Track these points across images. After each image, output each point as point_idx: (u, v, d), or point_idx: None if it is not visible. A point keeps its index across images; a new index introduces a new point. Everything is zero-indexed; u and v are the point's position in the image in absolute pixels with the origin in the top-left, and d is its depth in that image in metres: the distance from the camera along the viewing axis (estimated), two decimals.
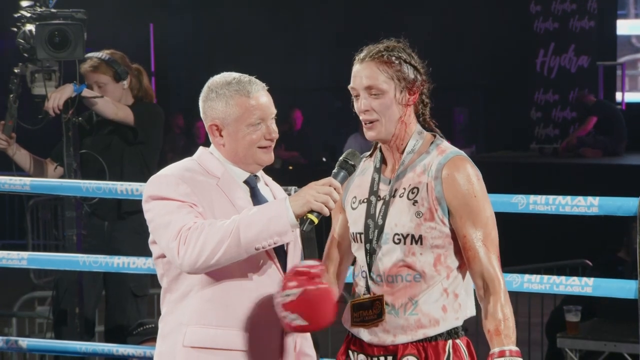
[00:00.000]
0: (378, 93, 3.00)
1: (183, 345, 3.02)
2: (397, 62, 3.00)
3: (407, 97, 3.01)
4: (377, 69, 3.00)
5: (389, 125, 3.02)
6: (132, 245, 5.17)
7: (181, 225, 2.92)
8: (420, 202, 2.97)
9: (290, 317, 2.87)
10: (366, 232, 3.04)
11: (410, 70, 3.01)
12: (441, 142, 3.06)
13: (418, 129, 3.06)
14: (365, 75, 3.01)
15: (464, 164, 2.99)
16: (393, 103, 3.00)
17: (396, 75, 2.99)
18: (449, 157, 2.99)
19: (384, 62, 3.00)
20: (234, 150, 3.09)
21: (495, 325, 2.93)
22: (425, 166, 3.00)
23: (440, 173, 2.97)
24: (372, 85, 3.00)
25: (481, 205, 2.97)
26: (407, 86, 3.00)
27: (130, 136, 5.31)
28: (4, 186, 4.82)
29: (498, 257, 2.99)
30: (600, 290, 4.06)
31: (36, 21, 5.08)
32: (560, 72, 14.10)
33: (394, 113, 3.01)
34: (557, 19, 14.05)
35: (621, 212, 3.99)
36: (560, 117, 14.09)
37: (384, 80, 2.99)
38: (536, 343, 7.46)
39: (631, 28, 14.20)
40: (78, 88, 5.07)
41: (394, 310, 3.00)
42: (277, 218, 2.88)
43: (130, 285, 5.29)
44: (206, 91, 3.11)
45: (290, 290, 2.87)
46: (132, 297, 5.32)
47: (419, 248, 2.97)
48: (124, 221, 5.32)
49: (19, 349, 5.15)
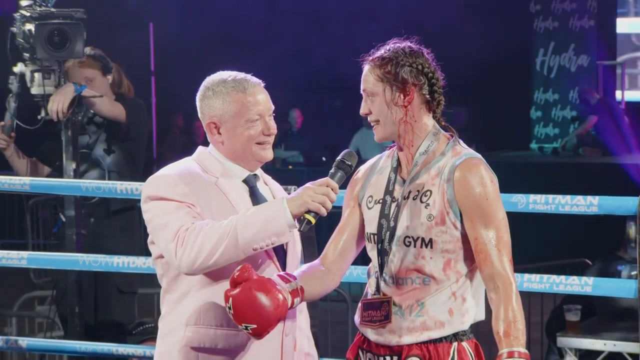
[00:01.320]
0: (371, 95, 3.02)
1: (183, 346, 3.02)
2: (390, 63, 2.99)
3: (401, 97, 3.00)
4: (369, 72, 3.02)
5: (389, 126, 3.02)
6: (116, 243, 5.14)
7: (179, 226, 2.92)
8: (432, 205, 2.96)
9: (242, 327, 2.85)
10: (379, 233, 3.04)
11: (403, 71, 2.99)
12: (456, 144, 3.05)
13: (433, 129, 3.05)
14: (362, 78, 3.04)
15: (477, 166, 2.98)
16: (385, 104, 3.00)
17: (385, 77, 2.99)
18: (462, 159, 2.98)
19: (376, 65, 3.01)
20: (233, 147, 3.08)
21: (505, 327, 2.92)
22: (439, 169, 3.00)
23: (452, 175, 2.96)
24: (365, 88, 3.03)
25: (493, 207, 2.96)
26: (398, 87, 2.99)
27: (121, 132, 5.30)
28: (4, 186, 4.82)
29: (510, 259, 2.97)
30: (600, 289, 4.06)
31: (35, 20, 5.08)
32: (560, 71, 14.11)
33: (390, 114, 3.00)
34: (556, 18, 14.06)
35: (621, 211, 3.99)
36: (560, 116, 14.10)
37: (372, 82, 3.01)
38: (536, 342, 7.46)
39: (631, 26, 14.20)
40: (79, 88, 5.07)
41: (400, 311, 3.00)
42: (275, 218, 2.88)
43: (117, 281, 5.26)
44: (203, 90, 3.12)
45: (226, 305, 2.85)
46: (117, 293, 5.29)
47: (429, 252, 2.97)
48: (109, 219, 5.31)
49: (19, 349, 5.15)
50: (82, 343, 4.91)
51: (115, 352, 4.86)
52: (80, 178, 5.12)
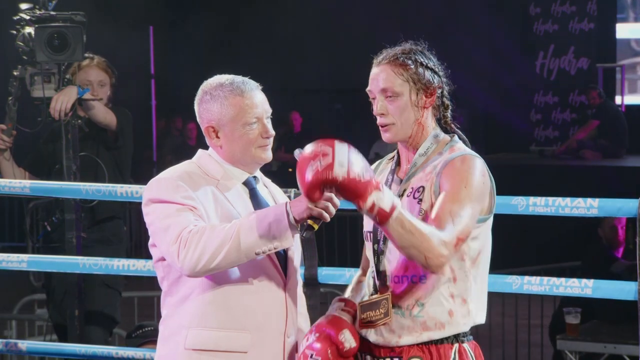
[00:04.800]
0: (393, 96, 3.01)
1: (185, 348, 3.01)
2: (413, 65, 3.00)
3: (423, 99, 3.01)
4: (392, 72, 3.00)
5: (405, 127, 3.02)
6: (102, 252, 5.09)
7: (181, 228, 2.92)
8: (424, 201, 2.97)
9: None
10: (374, 232, 3.06)
11: (427, 73, 3.01)
12: (456, 144, 3.05)
13: (435, 132, 3.05)
14: (381, 78, 3.02)
15: (469, 159, 2.97)
16: (408, 105, 3.00)
17: (412, 78, 3.00)
18: (457, 155, 2.98)
19: (399, 65, 3.00)
20: (232, 150, 3.09)
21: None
22: (434, 167, 2.99)
23: (442, 169, 2.96)
24: (387, 88, 3.01)
25: (466, 194, 2.90)
26: (422, 89, 3.01)
27: (110, 140, 5.31)
28: (4, 189, 4.82)
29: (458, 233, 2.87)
30: (599, 291, 4.05)
31: (35, 24, 5.08)
32: (559, 74, 14.11)
33: (410, 115, 3.01)
34: (556, 21, 14.06)
35: (621, 213, 3.99)
36: (560, 119, 14.10)
37: (399, 83, 3.00)
38: (536, 345, 7.46)
39: (631, 32, 14.20)
40: (82, 91, 5.08)
41: (400, 311, 3.00)
42: (278, 223, 2.88)
43: (102, 276, 5.20)
44: (200, 94, 3.12)
45: (313, 352, 2.96)
46: (103, 287, 5.26)
47: None
48: (90, 229, 5.27)
49: (19, 352, 5.15)
50: (81, 346, 4.91)
51: (115, 356, 4.86)
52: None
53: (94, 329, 5.21)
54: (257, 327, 3.02)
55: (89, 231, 5.26)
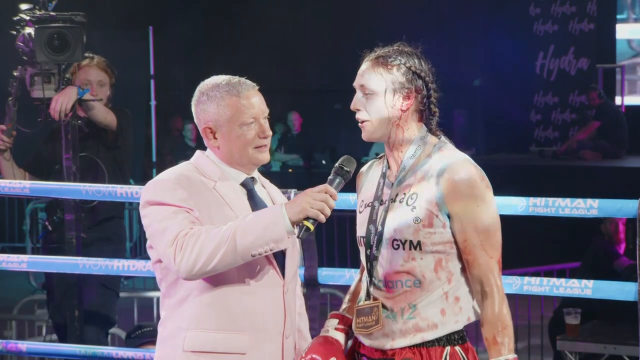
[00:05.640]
0: (369, 93, 3.01)
1: (183, 350, 3.01)
2: (395, 66, 2.99)
3: (400, 101, 3.00)
4: (373, 70, 3.01)
5: (381, 126, 3.02)
6: (99, 253, 5.09)
7: (178, 231, 2.92)
8: (418, 209, 2.96)
9: None
10: (367, 237, 3.05)
11: (409, 76, 3.00)
12: (444, 145, 3.03)
13: (421, 134, 3.04)
14: (362, 74, 3.03)
15: (465, 167, 2.95)
16: (384, 105, 3.00)
17: (390, 79, 2.99)
18: (450, 162, 2.96)
19: (381, 64, 3.00)
20: (229, 151, 3.09)
21: (493, 333, 2.92)
22: (424, 172, 2.98)
23: (440, 178, 2.95)
24: (364, 85, 3.02)
25: (482, 209, 2.94)
26: (401, 91, 3.00)
27: (109, 140, 5.31)
28: (4, 189, 4.81)
29: (499, 262, 2.97)
30: (599, 292, 4.05)
31: (35, 24, 5.08)
32: (559, 75, 14.11)
33: (385, 115, 3.00)
34: (556, 22, 14.06)
35: (621, 214, 3.98)
36: (559, 119, 14.10)
37: (376, 81, 3.00)
38: (536, 346, 7.46)
39: (630, 32, 14.20)
40: (82, 92, 5.07)
41: (392, 315, 2.99)
42: (273, 225, 2.88)
43: (100, 277, 5.20)
44: (197, 95, 3.12)
45: None
46: (101, 288, 5.27)
47: (418, 253, 2.96)
48: (90, 229, 5.27)
49: (18, 352, 5.14)
50: (81, 347, 4.90)
51: (115, 356, 4.85)
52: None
53: (89, 329, 5.20)
54: (256, 328, 3.02)
55: (90, 231, 5.26)
